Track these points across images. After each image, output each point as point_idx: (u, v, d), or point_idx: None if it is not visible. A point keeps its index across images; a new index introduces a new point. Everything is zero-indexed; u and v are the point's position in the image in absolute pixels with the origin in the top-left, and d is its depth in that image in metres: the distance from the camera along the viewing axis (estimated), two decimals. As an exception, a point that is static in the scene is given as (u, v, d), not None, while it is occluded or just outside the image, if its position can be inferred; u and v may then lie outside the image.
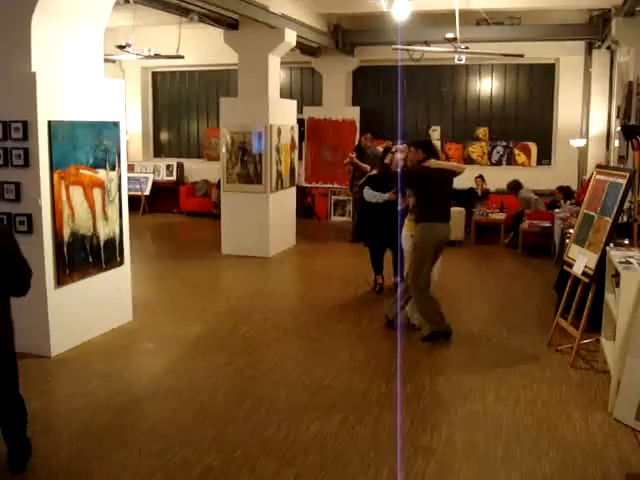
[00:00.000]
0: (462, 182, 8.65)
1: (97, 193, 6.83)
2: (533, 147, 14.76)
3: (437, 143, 14.88)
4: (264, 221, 11.27)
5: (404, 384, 5.79)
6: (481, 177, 13.43)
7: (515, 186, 12.70)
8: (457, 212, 11.52)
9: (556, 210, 11.28)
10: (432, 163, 7.12)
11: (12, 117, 6.11)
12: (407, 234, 7.39)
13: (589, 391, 5.75)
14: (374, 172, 8.82)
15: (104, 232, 6.98)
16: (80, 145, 6.55)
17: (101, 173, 6.87)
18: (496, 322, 7.79)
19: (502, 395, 5.65)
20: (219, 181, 12.17)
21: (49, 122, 6.17)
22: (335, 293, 9.04)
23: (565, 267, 6.96)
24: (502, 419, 5.19)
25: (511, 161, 14.83)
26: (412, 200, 7.32)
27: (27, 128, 6.09)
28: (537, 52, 13.70)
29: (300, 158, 14.53)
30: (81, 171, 6.59)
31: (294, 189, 12.57)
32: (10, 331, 4.24)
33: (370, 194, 8.61)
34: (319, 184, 15.38)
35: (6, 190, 6.19)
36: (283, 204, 11.89)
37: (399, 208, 7.85)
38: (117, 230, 7.19)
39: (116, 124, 7.08)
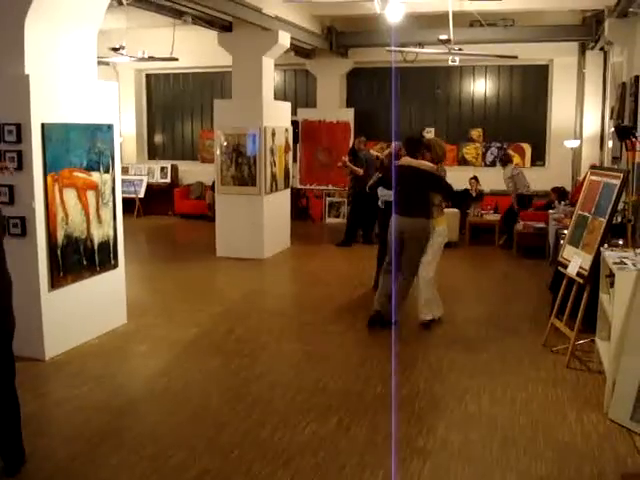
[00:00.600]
0: (456, 183, 8.76)
1: (91, 196, 6.82)
2: (527, 148, 14.79)
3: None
4: (258, 223, 11.27)
5: (399, 386, 5.79)
6: (475, 178, 13.43)
7: (504, 159, 12.65)
8: (452, 213, 11.55)
9: (550, 211, 11.30)
10: (403, 160, 7.51)
11: (5, 120, 6.09)
12: (439, 229, 7.55)
13: (584, 392, 5.75)
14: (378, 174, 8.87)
15: (98, 235, 6.96)
16: (74, 148, 6.54)
17: (95, 176, 6.86)
18: (491, 323, 7.79)
19: (497, 396, 5.65)
20: (213, 183, 12.16)
21: (43, 125, 6.15)
22: (330, 295, 9.03)
23: (560, 268, 6.97)
24: (497, 420, 5.19)
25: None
26: (437, 198, 7.57)
27: (21, 131, 6.07)
28: (531, 53, 13.74)
29: (294, 160, 14.56)
30: (75, 174, 6.57)
31: (288, 191, 12.57)
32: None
33: (386, 193, 8.45)
34: (313, 186, 15.39)
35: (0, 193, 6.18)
36: (277, 206, 11.89)
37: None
38: (111, 233, 7.17)
39: (110, 127, 7.07)
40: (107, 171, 7.03)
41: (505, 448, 4.73)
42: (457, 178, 7.77)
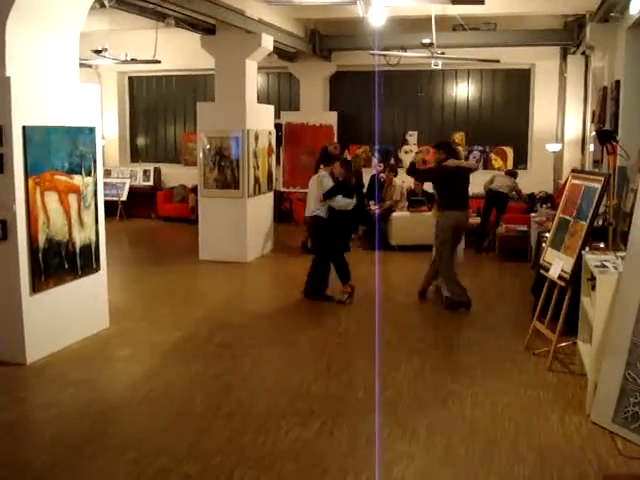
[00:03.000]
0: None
1: (73, 199, 6.78)
2: (509, 151, 14.88)
3: (414, 147, 14.97)
4: (241, 226, 11.25)
5: (382, 389, 5.79)
6: None
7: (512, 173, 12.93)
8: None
9: (532, 214, 11.35)
10: (450, 162, 8.49)
11: (-14, 122, 6.05)
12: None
13: (566, 394, 5.78)
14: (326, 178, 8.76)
15: (80, 238, 6.92)
16: (55, 150, 6.50)
17: (77, 179, 6.82)
18: (473, 326, 7.82)
19: (480, 399, 5.66)
20: (196, 186, 12.13)
21: (24, 127, 6.11)
22: (312, 299, 9.02)
23: (541, 271, 7.00)
24: (480, 423, 5.20)
25: (487, 165, 14.91)
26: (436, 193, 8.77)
27: (2, 133, 6.03)
28: (513, 57, 13.83)
29: (278, 163, 14.53)
30: (56, 177, 6.53)
31: (272, 194, 12.56)
32: None
33: (345, 202, 8.68)
34: (297, 189, 15.36)
35: (-20, 196, 6.13)
36: (261, 209, 11.88)
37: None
38: (93, 236, 7.13)
39: (92, 129, 7.03)
40: (89, 174, 6.99)
41: (488, 451, 4.74)
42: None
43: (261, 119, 11.86)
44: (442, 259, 8.51)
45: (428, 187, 11.94)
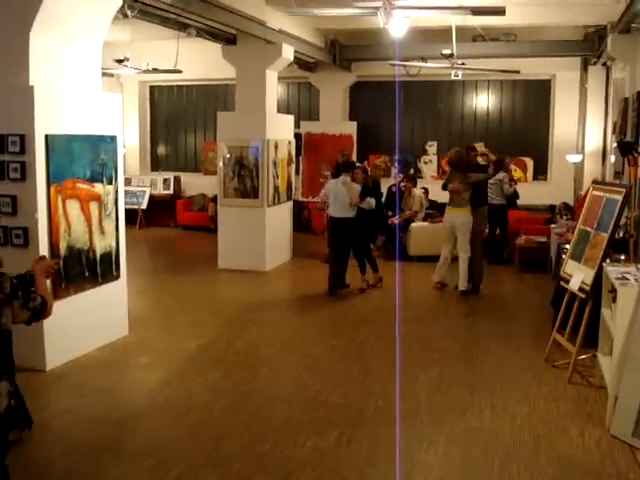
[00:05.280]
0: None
1: (94, 207, 6.83)
2: (529, 162, 14.81)
3: (434, 158, 14.99)
4: (260, 235, 11.27)
5: (401, 400, 5.77)
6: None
7: (498, 162, 12.44)
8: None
9: (552, 225, 11.29)
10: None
11: (9, 130, 6.12)
12: (468, 217, 9.64)
13: (586, 407, 5.74)
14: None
15: (100, 246, 6.97)
16: (77, 159, 6.55)
17: (98, 187, 6.87)
18: (493, 337, 7.77)
19: (499, 411, 5.63)
20: (216, 195, 12.17)
21: (46, 136, 6.18)
22: (331, 308, 9.03)
23: (562, 283, 6.96)
24: (499, 435, 5.17)
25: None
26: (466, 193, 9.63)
27: (24, 142, 6.10)
28: (533, 68, 13.78)
29: (297, 172, 14.55)
30: (78, 185, 6.59)
31: (291, 203, 12.58)
32: None
33: (372, 202, 9.82)
34: (316, 198, 15.36)
35: (2, 203, 6.19)
36: (280, 218, 11.89)
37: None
38: (114, 244, 7.18)
39: (113, 138, 7.09)
40: (110, 182, 7.04)
41: (507, 462, 4.71)
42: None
43: (281, 129, 11.90)
44: (478, 249, 9.73)
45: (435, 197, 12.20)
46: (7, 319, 3.34)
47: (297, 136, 14.01)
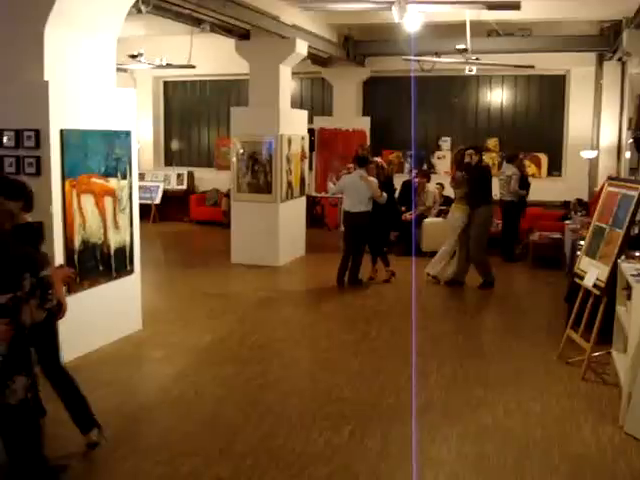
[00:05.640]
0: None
1: (108, 202, 6.86)
2: (543, 158, 14.73)
3: (447, 154, 14.94)
4: (274, 230, 11.28)
5: (414, 396, 5.77)
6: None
7: (512, 157, 12.47)
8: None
9: (567, 222, 11.24)
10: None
11: (24, 125, 6.15)
12: (458, 215, 9.82)
13: (599, 404, 5.72)
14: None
15: (115, 240, 7.00)
16: (92, 154, 6.58)
17: (112, 182, 6.90)
18: (507, 334, 7.76)
19: (512, 408, 5.62)
20: (229, 190, 12.19)
21: (61, 131, 6.20)
22: (344, 304, 9.04)
23: (576, 279, 6.93)
24: (512, 432, 5.16)
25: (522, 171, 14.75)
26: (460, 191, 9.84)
27: (39, 137, 6.13)
28: (548, 63, 13.70)
29: (310, 168, 14.55)
30: (93, 180, 6.61)
31: (304, 199, 12.58)
32: None
33: (385, 197, 9.88)
34: (329, 193, 15.35)
35: (18, 198, 6.21)
36: (293, 213, 11.90)
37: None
38: (128, 239, 7.21)
39: (128, 133, 7.11)
40: (124, 177, 7.07)
41: (519, 460, 4.70)
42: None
43: (294, 124, 11.89)
44: (480, 248, 9.69)
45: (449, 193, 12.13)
46: (25, 316, 3.46)
47: (310, 131, 14.00)
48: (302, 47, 11.34)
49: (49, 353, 4.61)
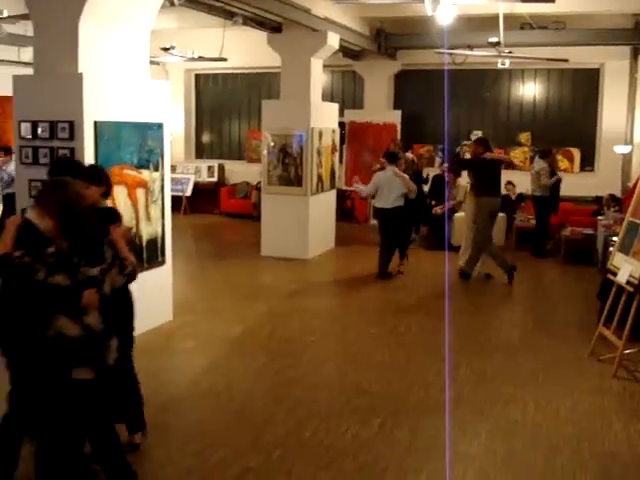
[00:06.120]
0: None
1: (141, 193, 6.91)
2: (576, 153, 14.57)
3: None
4: (304, 223, 11.30)
5: (443, 390, 5.76)
6: (510, 183, 13.34)
7: (545, 152, 12.39)
8: (499, 218, 11.38)
9: (599, 217, 11.12)
10: (487, 155, 9.81)
11: (59, 117, 6.22)
12: (467, 205, 10.14)
13: (631, 402, 5.67)
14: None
15: (147, 232, 7.05)
16: (125, 145, 6.64)
17: (145, 173, 6.95)
18: (537, 330, 7.71)
19: (542, 404, 5.58)
20: (259, 183, 12.22)
21: (95, 122, 6.26)
22: (373, 297, 9.04)
23: (609, 275, 6.86)
24: (542, 428, 5.13)
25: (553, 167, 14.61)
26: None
27: (73, 128, 6.20)
28: (581, 57, 13.53)
29: (340, 161, 14.53)
30: (125, 171, 6.67)
31: (334, 192, 12.58)
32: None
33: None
34: (363, 190, 15.30)
35: (52, 189, 6.29)
36: (323, 207, 11.91)
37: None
38: (159, 230, 7.26)
39: (160, 125, 7.16)
40: (157, 169, 7.12)
41: (549, 457, 4.68)
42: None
43: (325, 117, 11.89)
44: (484, 237, 9.73)
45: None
46: (108, 286, 3.77)
47: (341, 125, 13.98)
48: (334, 40, 11.32)
49: (125, 324, 4.82)
